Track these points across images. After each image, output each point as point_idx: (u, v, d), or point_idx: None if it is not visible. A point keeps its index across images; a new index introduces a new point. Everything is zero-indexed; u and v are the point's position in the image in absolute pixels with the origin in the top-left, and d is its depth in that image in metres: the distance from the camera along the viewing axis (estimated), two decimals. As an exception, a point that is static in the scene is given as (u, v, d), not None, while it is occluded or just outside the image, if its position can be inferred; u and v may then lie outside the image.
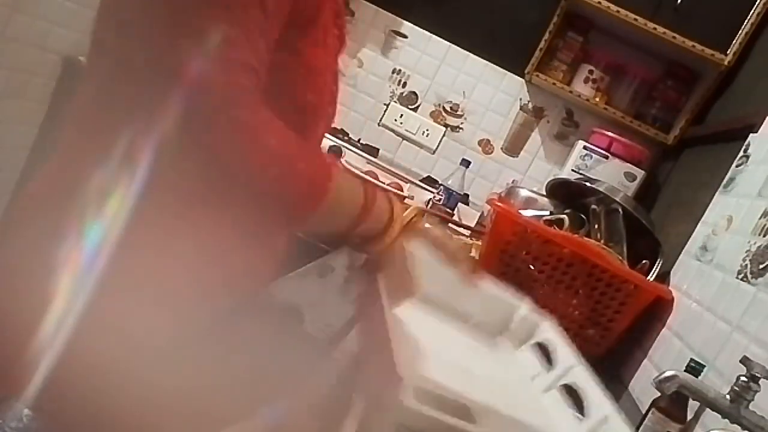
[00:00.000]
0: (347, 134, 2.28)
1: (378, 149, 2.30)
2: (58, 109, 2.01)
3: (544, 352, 0.96)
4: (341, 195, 0.64)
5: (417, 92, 2.38)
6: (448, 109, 2.37)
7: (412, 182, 2.12)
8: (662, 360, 1.25)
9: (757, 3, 1.86)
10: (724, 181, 1.36)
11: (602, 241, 1.46)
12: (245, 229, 0.63)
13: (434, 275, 0.81)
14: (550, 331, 0.98)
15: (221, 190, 0.56)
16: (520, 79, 2.30)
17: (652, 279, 1.40)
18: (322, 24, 0.64)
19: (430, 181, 2.23)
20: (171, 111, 0.50)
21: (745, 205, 1.20)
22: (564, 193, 1.68)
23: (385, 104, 2.39)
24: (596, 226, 1.51)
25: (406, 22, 2.35)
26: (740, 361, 0.78)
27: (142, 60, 0.54)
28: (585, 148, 2.06)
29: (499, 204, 1.49)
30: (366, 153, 2.14)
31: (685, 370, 0.86)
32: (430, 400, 0.51)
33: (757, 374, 0.77)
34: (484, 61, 2.33)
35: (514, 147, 2.36)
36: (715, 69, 1.93)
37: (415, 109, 2.38)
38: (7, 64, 1.79)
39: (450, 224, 1.83)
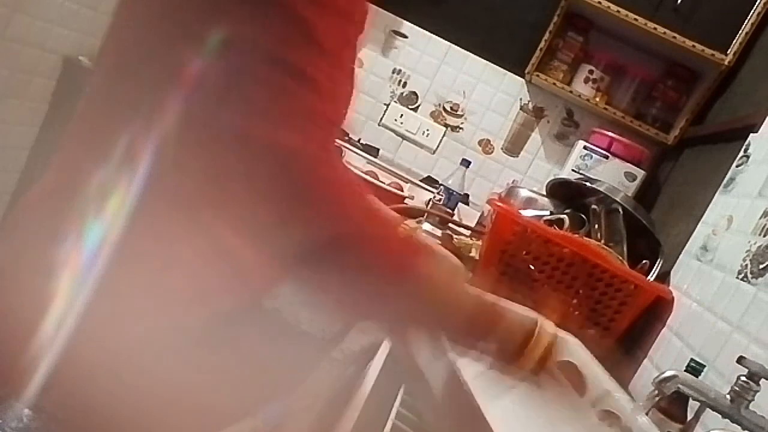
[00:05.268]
0: (347, 134, 2.28)
1: (378, 149, 2.30)
2: (58, 109, 2.01)
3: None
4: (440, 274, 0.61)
5: (417, 92, 2.38)
6: (448, 109, 2.37)
7: (412, 182, 2.12)
8: (662, 360, 1.25)
9: (757, 3, 1.86)
10: (725, 181, 1.36)
11: (602, 241, 1.46)
12: (246, 231, 0.63)
13: None
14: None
15: (229, 196, 0.56)
16: (520, 79, 2.30)
17: (652, 279, 1.40)
18: (348, 52, 0.65)
19: (430, 181, 2.22)
20: (172, 111, 0.50)
21: (745, 205, 1.20)
22: (564, 193, 1.68)
23: (385, 104, 2.39)
24: (596, 226, 1.51)
25: (406, 22, 2.35)
26: (737, 361, 0.78)
27: (143, 60, 0.54)
28: (585, 148, 2.06)
29: (499, 204, 1.49)
30: (366, 153, 2.14)
31: (685, 370, 0.86)
32: None
33: (757, 374, 0.77)
34: (484, 61, 2.33)
35: (514, 147, 2.36)
36: (715, 69, 1.93)
37: (415, 109, 2.38)
38: (7, 64, 1.79)
39: (450, 224, 1.83)
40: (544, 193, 1.77)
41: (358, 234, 0.55)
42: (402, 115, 2.37)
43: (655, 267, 1.43)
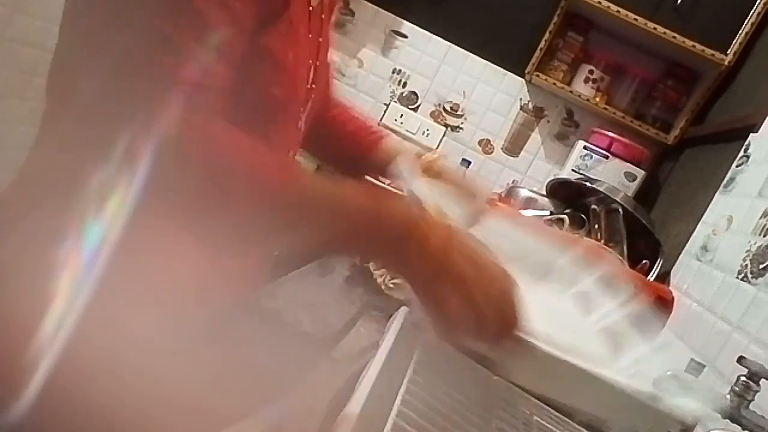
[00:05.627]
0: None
1: (378, 149, 2.30)
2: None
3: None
4: (313, 188, 0.55)
5: (417, 92, 2.38)
6: (448, 109, 2.37)
7: (412, 182, 2.12)
8: (662, 360, 1.25)
9: (757, 3, 1.86)
10: (725, 181, 1.36)
11: (602, 241, 1.46)
12: (244, 230, 0.63)
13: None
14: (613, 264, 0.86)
15: (216, 191, 0.56)
16: (520, 79, 2.30)
17: (652, 279, 1.40)
18: (289, 20, 0.63)
19: (430, 181, 2.22)
20: (166, 111, 0.50)
21: (745, 205, 1.20)
22: (564, 193, 1.68)
23: (385, 104, 2.39)
24: (596, 226, 1.51)
25: (406, 22, 2.35)
26: (737, 361, 0.78)
27: (137, 57, 0.54)
28: (585, 148, 2.06)
29: (499, 204, 1.49)
30: (366, 153, 2.14)
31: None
32: None
33: (757, 374, 0.77)
34: (484, 61, 2.33)
35: (514, 147, 2.36)
36: (715, 69, 1.93)
37: (415, 109, 2.38)
38: (7, 64, 1.79)
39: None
40: (544, 193, 1.77)
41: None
42: (402, 115, 2.37)
43: (655, 267, 1.43)
